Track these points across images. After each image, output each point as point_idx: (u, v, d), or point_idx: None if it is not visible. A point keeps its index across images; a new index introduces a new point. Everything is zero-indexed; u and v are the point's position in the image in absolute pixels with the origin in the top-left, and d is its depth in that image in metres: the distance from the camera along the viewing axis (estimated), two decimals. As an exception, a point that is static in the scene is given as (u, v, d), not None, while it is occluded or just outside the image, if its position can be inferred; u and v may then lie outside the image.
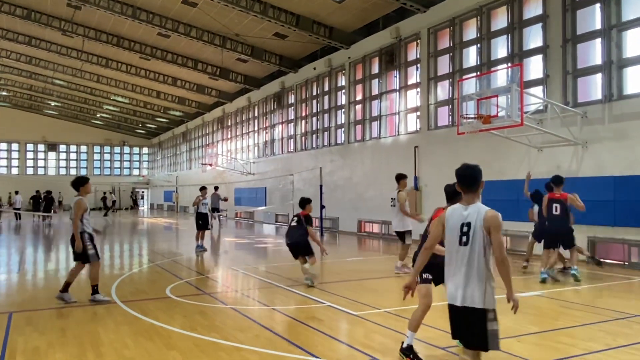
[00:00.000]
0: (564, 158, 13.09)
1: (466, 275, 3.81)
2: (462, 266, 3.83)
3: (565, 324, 6.75)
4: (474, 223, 3.78)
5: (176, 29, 23.60)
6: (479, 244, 3.77)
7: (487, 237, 3.77)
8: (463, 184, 3.93)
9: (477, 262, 3.78)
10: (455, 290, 3.85)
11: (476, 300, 3.78)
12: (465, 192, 3.93)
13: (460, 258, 3.85)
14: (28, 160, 51.79)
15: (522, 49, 14.45)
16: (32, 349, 5.74)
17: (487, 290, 3.81)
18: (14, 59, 32.91)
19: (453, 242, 3.88)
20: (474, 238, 3.78)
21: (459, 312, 3.86)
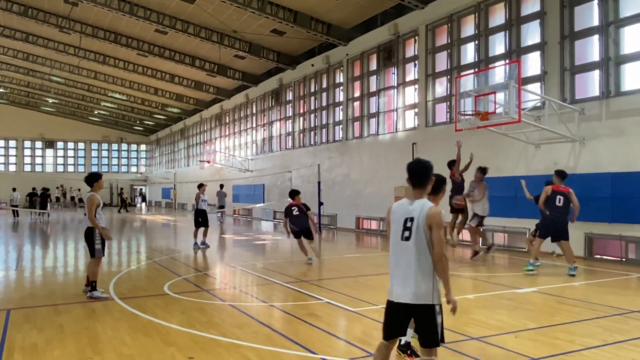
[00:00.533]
0: (561, 155, 13.11)
1: (408, 271, 3.75)
2: (403, 262, 3.78)
3: (562, 320, 6.78)
4: (417, 218, 3.74)
5: (174, 25, 23.54)
6: (420, 240, 3.73)
7: (429, 234, 3.73)
8: (413, 179, 3.91)
9: (419, 258, 3.73)
10: (397, 287, 3.80)
11: (423, 296, 3.72)
12: (414, 187, 3.90)
13: (401, 253, 3.80)
14: (25, 157, 51.66)
15: (520, 46, 14.46)
16: (30, 346, 5.75)
17: (434, 286, 3.76)
18: (11, 55, 32.80)
19: (396, 236, 3.84)
20: (416, 233, 3.74)
21: (399, 308, 3.80)
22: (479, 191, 12.16)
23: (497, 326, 6.43)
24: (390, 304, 3.86)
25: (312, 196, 22.74)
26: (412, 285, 3.73)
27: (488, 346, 5.63)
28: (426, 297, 3.72)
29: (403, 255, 3.79)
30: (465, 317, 6.88)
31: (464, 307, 7.41)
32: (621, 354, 5.39)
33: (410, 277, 3.73)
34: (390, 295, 3.86)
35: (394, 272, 3.84)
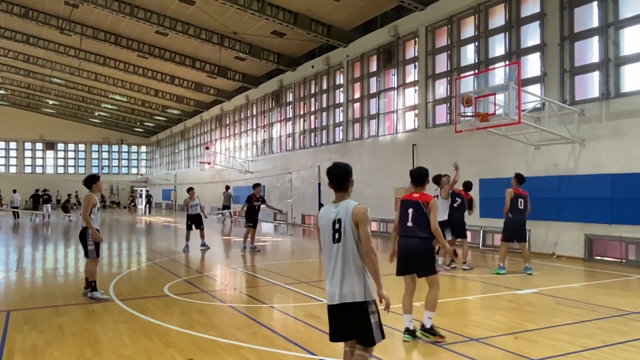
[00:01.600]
0: (561, 156, 13.12)
1: (342, 271, 3.79)
2: (338, 263, 3.81)
3: (562, 321, 6.78)
4: (344, 219, 3.79)
5: (174, 27, 23.57)
6: (350, 239, 3.78)
7: (356, 232, 3.78)
8: (333, 183, 3.94)
9: (352, 257, 3.79)
10: (334, 289, 3.81)
11: (357, 294, 3.76)
12: (335, 191, 3.94)
13: (335, 255, 3.83)
14: (26, 159, 51.70)
15: (520, 47, 14.47)
16: (30, 347, 5.76)
17: (366, 283, 3.80)
18: (11, 57, 32.86)
19: (328, 240, 3.87)
20: (345, 234, 3.79)
21: (339, 310, 3.81)
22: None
23: (497, 327, 6.43)
24: (330, 307, 3.86)
25: (312, 197, 22.76)
26: (347, 285, 3.77)
27: (488, 347, 5.63)
28: (359, 295, 3.76)
29: (336, 257, 3.82)
30: (465, 318, 6.89)
31: (463, 308, 7.43)
32: (621, 355, 5.39)
33: (345, 277, 3.78)
34: (328, 299, 3.87)
35: (331, 275, 3.85)
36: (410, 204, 6.09)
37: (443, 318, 6.84)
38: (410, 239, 5.98)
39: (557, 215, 12.99)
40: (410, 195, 6.21)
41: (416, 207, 6.03)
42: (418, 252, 5.94)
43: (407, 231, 6.03)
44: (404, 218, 6.08)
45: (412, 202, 6.09)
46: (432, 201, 6.01)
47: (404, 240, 6.06)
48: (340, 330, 3.87)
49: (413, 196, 6.14)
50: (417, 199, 6.08)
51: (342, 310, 3.80)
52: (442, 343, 5.71)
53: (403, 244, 6.06)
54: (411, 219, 6.01)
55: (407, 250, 5.99)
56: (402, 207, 6.19)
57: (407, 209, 6.09)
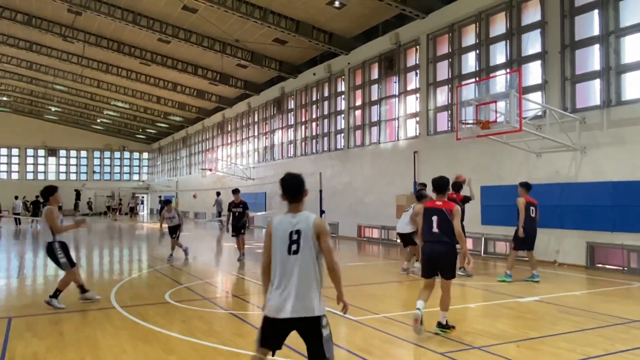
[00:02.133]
0: (562, 163, 13.12)
1: (298, 285, 3.68)
2: (293, 276, 3.70)
3: (564, 329, 6.76)
4: (304, 231, 3.71)
5: (176, 34, 23.68)
6: (309, 251, 3.71)
7: (317, 244, 3.73)
8: (288, 194, 3.86)
9: (310, 270, 3.71)
10: (284, 302, 3.68)
11: (315, 309, 3.69)
12: (290, 202, 3.87)
13: (290, 267, 3.72)
14: (28, 166, 51.79)
15: (521, 55, 14.51)
16: (31, 354, 5.75)
17: (320, 297, 3.75)
18: (14, 64, 33.00)
19: (282, 251, 3.74)
20: (304, 246, 3.70)
21: (285, 323, 3.72)
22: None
23: (499, 335, 6.42)
24: (274, 320, 3.74)
25: (313, 204, 22.75)
26: (303, 299, 3.68)
27: (489, 355, 5.62)
28: (317, 310, 3.70)
29: (292, 269, 3.71)
30: (467, 326, 6.87)
31: (465, 315, 7.41)
32: (623, 363, 5.37)
33: (301, 290, 3.68)
34: (273, 311, 3.73)
35: (282, 287, 3.72)
36: (434, 212, 6.53)
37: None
38: (435, 244, 6.44)
39: (558, 222, 12.97)
40: (433, 203, 6.66)
41: (440, 214, 6.44)
42: (443, 256, 6.42)
43: (432, 237, 6.48)
44: (429, 224, 6.54)
45: (436, 209, 6.53)
46: (455, 208, 6.43)
47: (429, 246, 6.52)
48: (275, 341, 3.82)
49: (436, 204, 6.58)
50: (441, 206, 6.50)
51: (289, 324, 3.70)
52: (446, 352, 5.69)
53: (429, 249, 6.53)
54: (436, 225, 6.44)
55: (433, 255, 6.47)
56: (426, 214, 6.62)
57: (431, 216, 6.53)
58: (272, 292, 3.75)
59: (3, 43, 28.70)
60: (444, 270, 6.44)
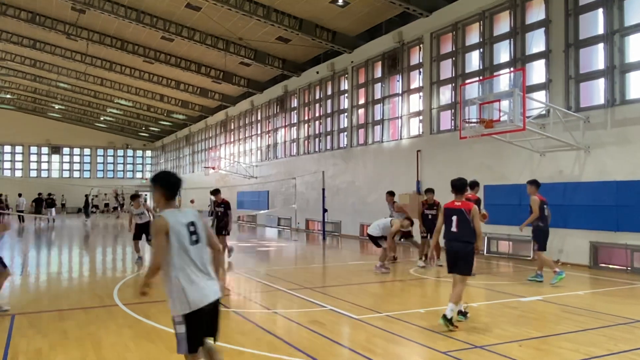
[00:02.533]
0: (566, 163, 13.09)
1: (208, 270, 3.95)
2: (205, 263, 3.94)
3: (567, 329, 6.74)
4: (197, 222, 3.96)
5: (180, 32, 23.69)
6: (204, 241, 3.99)
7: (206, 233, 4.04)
8: (174, 190, 4.05)
9: (208, 256, 4.00)
10: (204, 289, 3.86)
11: (219, 290, 3.99)
12: (171, 198, 4.05)
13: (197, 256, 3.90)
14: (32, 163, 51.90)
15: (525, 54, 14.47)
16: (34, 351, 5.77)
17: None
18: (18, 62, 33.06)
19: (184, 243, 3.86)
20: (202, 235, 3.97)
21: (209, 310, 3.89)
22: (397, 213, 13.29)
23: (501, 335, 6.41)
24: (201, 310, 3.84)
25: (316, 203, 22.77)
26: (215, 282, 3.97)
27: (492, 355, 5.61)
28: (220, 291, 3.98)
29: (200, 257, 3.92)
30: (468, 325, 6.86)
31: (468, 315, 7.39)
32: (626, 363, 5.36)
33: (211, 274, 3.97)
34: (198, 302, 3.83)
35: (203, 274, 3.90)
36: (453, 212, 6.90)
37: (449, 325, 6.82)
38: (455, 242, 6.84)
39: (562, 222, 12.93)
40: (452, 203, 6.98)
41: (459, 214, 6.81)
42: (460, 253, 6.78)
43: (451, 235, 6.88)
44: (448, 224, 6.92)
45: (455, 209, 6.89)
46: (473, 209, 6.81)
47: (449, 244, 6.94)
48: (203, 332, 3.96)
49: (455, 204, 6.93)
50: (459, 207, 6.87)
51: (212, 308, 3.91)
52: (448, 351, 5.69)
53: (448, 247, 6.96)
54: (455, 225, 6.82)
55: (451, 252, 6.89)
56: (445, 214, 6.99)
57: (450, 216, 6.90)
58: (188, 286, 3.83)
59: (7, 41, 28.74)
60: (460, 266, 6.80)
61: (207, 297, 3.86)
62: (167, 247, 3.82)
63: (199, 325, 3.88)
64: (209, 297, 3.87)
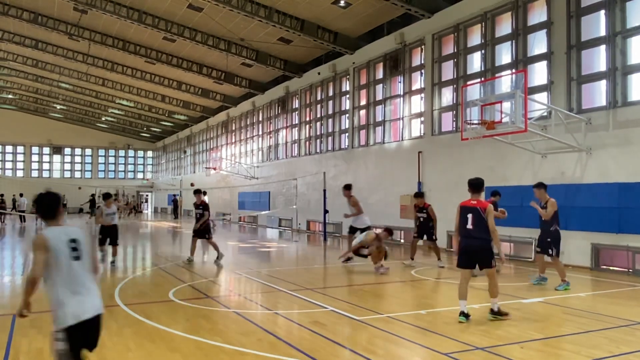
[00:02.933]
0: (568, 164, 13.07)
1: (91, 286, 4.00)
2: (84, 279, 3.98)
3: (569, 331, 6.74)
4: (80, 238, 3.99)
5: (181, 33, 23.71)
6: (87, 256, 4.01)
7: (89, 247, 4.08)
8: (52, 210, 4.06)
9: (91, 273, 4.06)
10: (84, 304, 3.92)
11: (102, 306, 4.06)
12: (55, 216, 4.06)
13: (77, 272, 3.94)
14: (33, 163, 51.97)
15: (527, 55, 14.46)
16: (36, 351, 5.77)
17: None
18: (20, 62, 33.12)
19: (64, 259, 3.89)
20: (84, 252, 3.98)
21: (89, 325, 3.93)
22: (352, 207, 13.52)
23: (503, 336, 6.40)
24: (81, 324, 3.90)
25: (317, 204, 22.76)
26: (98, 298, 4.03)
27: (493, 356, 5.60)
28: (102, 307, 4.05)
29: (83, 273, 3.97)
30: (470, 326, 6.85)
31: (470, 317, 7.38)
32: (628, 365, 5.34)
33: (94, 290, 4.02)
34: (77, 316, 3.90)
35: (85, 290, 3.95)
36: (469, 210, 7.21)
37: (447, 326, 6.83)
38: (471, 239, 7.16)
39: (563, 224, 12.83)
40: (468, 202, 7.29)
41: (475, 213, 7.11)
42: (478, 250, 7.13)
43: (467, 233, 7.19)
44: (464, 222, 7.21)
45: (471, 208, 7.20)
46: (488, 207, 7.14)
47: (465, 241, 7.24)
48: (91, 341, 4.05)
49: (471, 203, 7.24)
50: (475, 205, 7.17)
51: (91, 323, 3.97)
52: (449, 352, 5.69)
53: (465, 243, 7.24)
54: (471, 222, 7.12)
55: (469, 249, 7.19)
56: (461, 212, 7.29)
57: (466, 214, 7.21)
58: (68, 300, 3.91)
59: (9, 41, 28.81)
60: (482, 261, 7.19)
61: (87, 312, 3.90)
62: (44, 263, 3.86)
63: (78, 339, 3.94)
64: (89, 312, 3.91)
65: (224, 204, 35.39)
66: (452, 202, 16.20)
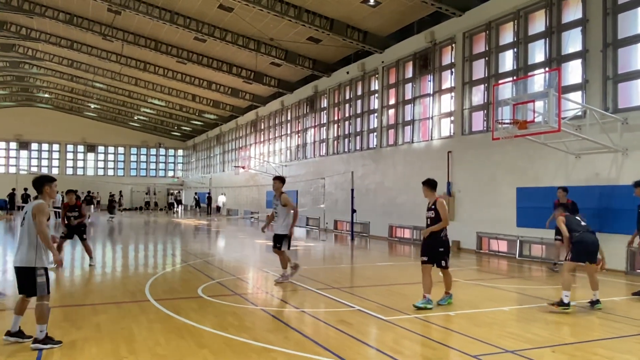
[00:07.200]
0: (602, 165, 12.74)
1: (20, 245, 5.88)
2: (20, 238, 5.90)
3: (602, 335, 6.57)
4: (28, 211, 5.87)
5: (212, 33, 23.98)
6: (28, 223, 5.86)
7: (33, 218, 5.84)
8: (37, 189, 6.15)
9: (28, 236, 5.84)
10: (17, 256, 5.89)
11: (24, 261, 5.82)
12: (40, 193, 6.14)
13: (21, 233, 5.90)
14: (68, 161, 53.34)
15: (561, 54, 14.15)
16: (69, 343, 5.91)
17: (37, 254, 5.81)
18: (56, 62, 34.02)
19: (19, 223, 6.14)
20: (27, 220, 5.87)
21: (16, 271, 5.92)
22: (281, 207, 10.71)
23: (534, 340, 6.28)
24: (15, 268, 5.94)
25: (345, 203, 22.73)
26: (20, 254, 5.86)
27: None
28: (24, 262, 5.81)
29: (20, 234, 5.89)
30: (500, 329, 6.74)
31: (498, 319, 7.28)
32: (665, 372, 5.18)
33: (22, 248, 5.86)
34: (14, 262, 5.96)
35: (17, 246, 5.96)
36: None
37: (478, 328, 6.73)
38: (588, 233, 8.23)
39: (598, 226, 12.57)
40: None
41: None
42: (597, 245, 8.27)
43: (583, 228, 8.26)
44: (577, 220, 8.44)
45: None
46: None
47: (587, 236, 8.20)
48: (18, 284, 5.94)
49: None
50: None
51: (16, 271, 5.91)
52: (478, 354, 5.61)
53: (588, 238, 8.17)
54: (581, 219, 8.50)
55: (593, 243, 8.16)
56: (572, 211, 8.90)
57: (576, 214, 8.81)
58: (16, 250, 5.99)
59: (46, 41, 29.62)
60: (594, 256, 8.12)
61: (15, 262, 5.91)
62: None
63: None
64: (15, 263, 5.90)
65: (252, 203, 35.64)
66: (483, 202, 16.11)
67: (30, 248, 5.79)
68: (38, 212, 5.79)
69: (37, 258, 5.80)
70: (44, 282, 5.82)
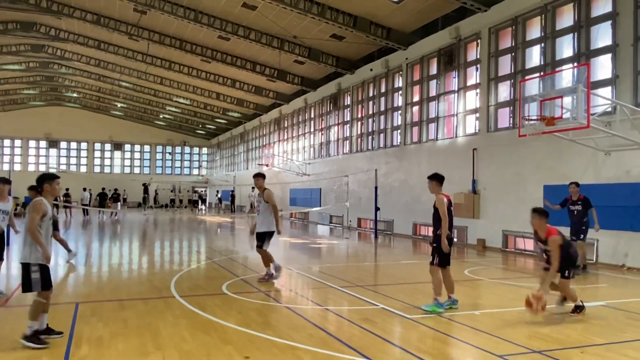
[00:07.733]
0: (634, 162, 12.41)
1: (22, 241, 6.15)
2: (23, 236, 6.09)
3: (633, 337, 6.41)
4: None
5: (236, 31, 24.12)
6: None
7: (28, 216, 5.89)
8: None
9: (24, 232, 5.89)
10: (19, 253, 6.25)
11: (21, 257, 5.89)
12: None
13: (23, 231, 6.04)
14: (95, 159, 54.36)
15: (590, 48, 13.83)
16: (97, 338, 6.01)
17: (31, 251, 5.76)
18: (84, 62, 34.63)
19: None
20: (26, 217, 5.93)
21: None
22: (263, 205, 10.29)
23: (562, 340, 6.16)
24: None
25: (368, 201, 22.66)
26: (21, 251, 6.01)
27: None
28: (24, 258, 5.82)
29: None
30: (529, 330, 6.64)
31: (526, 318, 7.15)
32: (700, 376, 5.02)
33: (21, 244, 6.07)
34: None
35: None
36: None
37: (506, 329, 6.64)
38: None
39: (628, 225, 12.30)
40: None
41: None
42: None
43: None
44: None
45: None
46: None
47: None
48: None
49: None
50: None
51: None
52: (503, 354, 5.52)
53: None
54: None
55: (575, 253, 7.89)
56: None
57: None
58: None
59: (74, 42, 30.19)
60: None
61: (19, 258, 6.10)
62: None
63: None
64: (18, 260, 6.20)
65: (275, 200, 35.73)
66: (509, 200, 15.87)
67: (26, 244, 5.82)
68: (31, 209, 5.80)
69: (31, 254, 5.74)
70: (38, 279, 5.72)
